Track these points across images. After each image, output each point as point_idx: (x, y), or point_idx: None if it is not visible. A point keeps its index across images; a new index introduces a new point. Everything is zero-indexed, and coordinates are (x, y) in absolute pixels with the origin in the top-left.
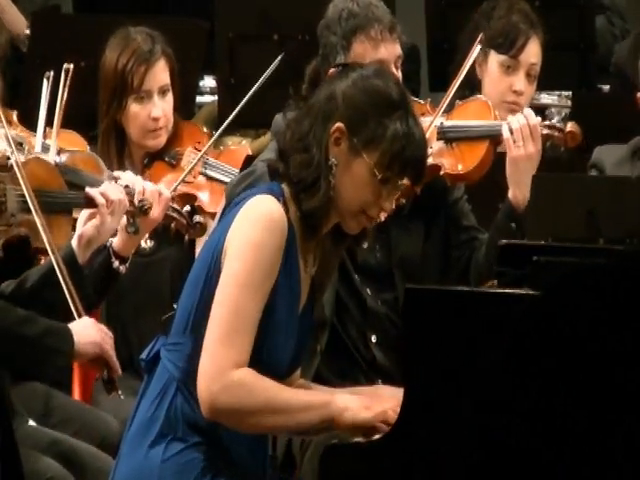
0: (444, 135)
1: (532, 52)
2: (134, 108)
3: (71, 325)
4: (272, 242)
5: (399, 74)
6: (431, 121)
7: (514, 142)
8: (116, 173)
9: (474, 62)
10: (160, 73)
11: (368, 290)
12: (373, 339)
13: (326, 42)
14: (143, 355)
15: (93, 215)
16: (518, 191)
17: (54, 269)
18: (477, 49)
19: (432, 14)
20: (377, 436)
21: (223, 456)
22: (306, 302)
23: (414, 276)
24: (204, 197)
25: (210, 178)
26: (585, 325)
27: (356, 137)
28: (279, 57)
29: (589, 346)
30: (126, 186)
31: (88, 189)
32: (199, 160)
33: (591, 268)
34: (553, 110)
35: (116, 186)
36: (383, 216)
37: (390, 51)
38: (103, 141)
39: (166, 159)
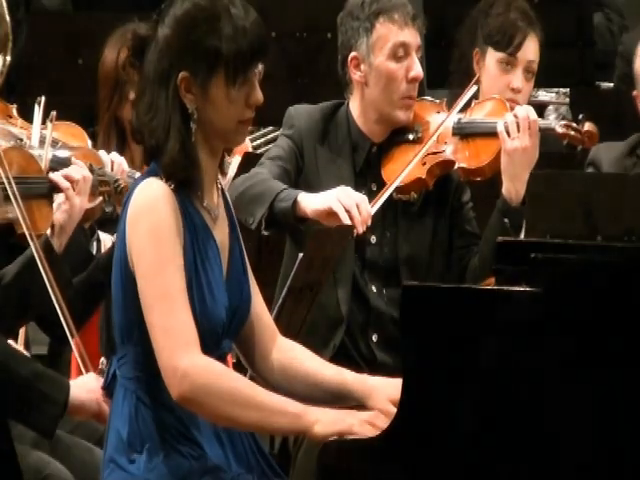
0: (460, 131)
1: (530, 49)
2: None
3: (73, 380)
4: (164, 219)
5: (418, 64)
6: (444, 119)
7: (509, 135)
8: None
9: (472, 59)
10: None
11: (373, 288)
12: (374, 338)
13: (346, 29)
14: (102, 384)
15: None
16: (512, 186)
17: (31, 260)
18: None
19: (430, 10)
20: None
21: (204, 458)
22: (231, 247)
23: (420, 273)
24: None
25: None
26: (583, 322)
27: (199, 73)
28: None
29: (587, 343)
30: (100, 168)
31: (51, 174)
32: None
33: (589, 265)
34: (551, 107)
35: (77, 166)
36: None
37: (413, 37)
38: (104, 137)
39: None
